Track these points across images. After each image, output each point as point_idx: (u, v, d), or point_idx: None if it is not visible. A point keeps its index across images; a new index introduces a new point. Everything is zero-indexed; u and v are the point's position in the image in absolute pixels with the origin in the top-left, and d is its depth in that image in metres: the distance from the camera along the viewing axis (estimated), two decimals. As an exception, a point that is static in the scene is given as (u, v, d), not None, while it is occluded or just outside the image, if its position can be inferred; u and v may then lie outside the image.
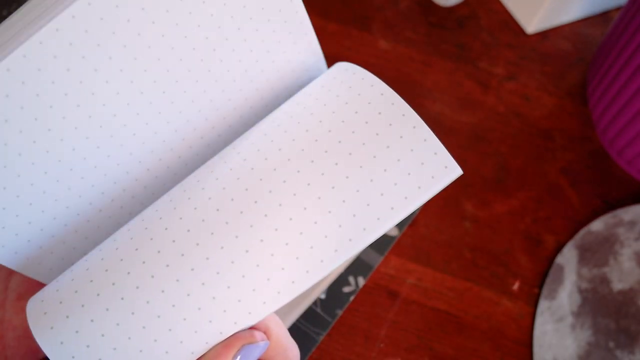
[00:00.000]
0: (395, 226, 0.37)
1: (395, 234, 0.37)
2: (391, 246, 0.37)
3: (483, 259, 0.37)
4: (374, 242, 0.36)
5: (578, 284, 0.36)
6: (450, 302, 0.35)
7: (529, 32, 0.48)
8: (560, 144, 0.42)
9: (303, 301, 0.32)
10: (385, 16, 0.48)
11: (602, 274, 0.36)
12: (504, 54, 0.47)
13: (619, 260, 0.36)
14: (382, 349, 0.34)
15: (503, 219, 0.39)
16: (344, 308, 0.34)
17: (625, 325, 0.34)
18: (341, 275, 0.35)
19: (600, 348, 0.33)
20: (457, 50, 0.47)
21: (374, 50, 0.46)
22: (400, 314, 0.35)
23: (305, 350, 0.33)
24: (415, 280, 0.36)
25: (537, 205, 0.39)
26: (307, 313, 0.34)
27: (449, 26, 0.48)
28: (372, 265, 0.36)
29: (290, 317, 0.32)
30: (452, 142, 0.42)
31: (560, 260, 0.37)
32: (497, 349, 0.34)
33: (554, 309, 0.35)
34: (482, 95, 0.44)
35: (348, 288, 0.35)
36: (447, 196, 0.39)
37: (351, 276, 0.35)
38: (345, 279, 0.35)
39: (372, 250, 0.36)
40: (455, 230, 0.38)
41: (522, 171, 0.41)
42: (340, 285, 0.35)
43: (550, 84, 0.45)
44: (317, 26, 0.47)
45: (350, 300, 0.35)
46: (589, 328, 0.34)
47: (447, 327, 0.35)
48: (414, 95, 0.44)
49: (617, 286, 0.35)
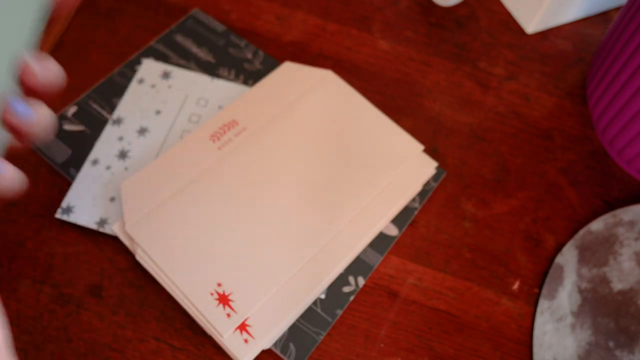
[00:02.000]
0: (395, 226, 0.37)
1: (395, 234, 0.37)
2: (391, 246, 0.37)
3: (483, 259, 0.37)
4: (374, 242, 0.36)
5: (578, 284, 0.36)
6: (450, 302, 0.35)
7: (529, 32, 0.48)
8: (560, 144, 0.42)
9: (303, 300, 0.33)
10: (385, 16, 0.48)
11: (601, 274, 0.36)
12: (503, 54, 0.47)
13: (618, 260, 0.36)
14: (382, 348, 0.34)
15: (503, 219, 0.39)
16: (344, 308, 0.34)
17: (625, 325, 0.34)
18: (341, 275, 0.35)
19: (600, 348, 0.34)
20: (457, 50, 0.47)
21: (374, 50, 0.46)
22: (400, 314, 0.35)
23: (305, 350, 0.33)
24: (415, 280, 0.36)
25: (537, 205, 0.39)
26: (307, 313, 0.34)
27: (449, 26, 0.48)
28: (372, 265, 0.36)
29: (289, 317, 0.32)
30: (452, 142, 0.42)
31: (560, 260, 0.37)
32: (497, 348, 0.34)
33: (553, 309, 0.35)
34: (482, 95, 0.44)
35: (348, 288, 0.35)
36: (447, 196, 0.39)
37: (351, 276, 0.35)
38: (346, 279, 0.35)
39: (372, 250, 0.36)
40: (455, 230, 0.38)
41: (521, 171, 0.41)
42: (341, 285, 0.35)
43: (550, 84, 0.45)
44: (317, 26, 0.47)
45: (351, 300, 0.35)
46: (588, 328, 0.34)
47: (447, 327, 0.35)
48: (414, 95, 0.44)
49: (617, 286, 0.35)
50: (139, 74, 0.42)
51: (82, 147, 0.39)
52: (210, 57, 0.44)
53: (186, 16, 0.46)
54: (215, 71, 0.43)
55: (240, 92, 0.42)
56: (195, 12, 0.46)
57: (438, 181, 0.39)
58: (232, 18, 0.46)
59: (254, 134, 0.38)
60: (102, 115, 0.40)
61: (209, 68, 0.43)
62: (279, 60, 0.44)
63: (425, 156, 0.38)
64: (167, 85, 0.42)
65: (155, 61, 0.43)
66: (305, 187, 0.36)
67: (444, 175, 0.40)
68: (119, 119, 0.40)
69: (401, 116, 0.42)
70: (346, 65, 0.45)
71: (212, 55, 0.44)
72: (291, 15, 0.47)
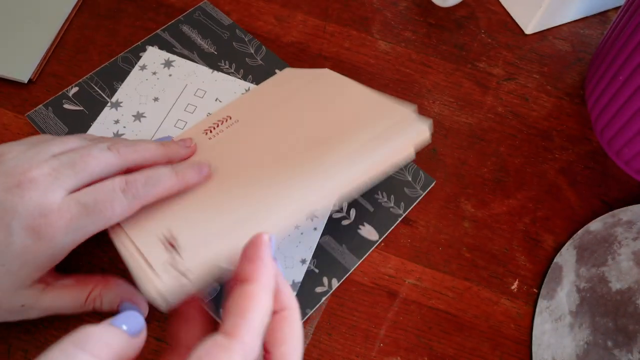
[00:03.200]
0: (376, 231, 0.37)
1: (375, 239, 0.36)
2: (370, 251, 0.36)
3: (482, 259, 0.37)
4: (352, 246, 0.36)
5: (577, 284, 0.36)
6: (450, 302, 0.36)
7: (528, 32, 0.48)
8: (559, 144, 0.42)
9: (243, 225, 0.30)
10: (384, 17, 0.48)
11: (600, 274, 0.36)
12: (502, 54, 0.47)
13: (617, 259, 0.36)
14: (382, 348, 0.34)
15: (502, 219, 0.39)
16: (315, 308, 0.34)
17: (623, 325, 0.34)
18: (315, 274, 0.35)
19: (599, 347, 0.34)
20: (456, 51, 0.47)
21: (374, 50, 0.46)
22: (400, 314, 0.35)
23: None
24: (415, 280, 0.36)
25: (536, 205, 0.39)
26: None
27: (448, 27, 0.48)
28: (349, 268, 0.35)
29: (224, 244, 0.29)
30: (451, 142, 0.42)
31: (559, 260, 0.37)
32: (496, 348, 0.34)
33: (552, 309, 0.35)
34: (481, 95, 0.44)
35: (321, 288, 0.35)
36: (447, 196, 0.39)
37: (325, 277, 0.35)
38: (320, 279, 0.35)
39: (350, 253, 0.36)
40: (455, 230, 0.38)
41: (521, 171, 0.41)
42: (314, 285, 0.35)
43: (548, 84, 0.45)
44: (316, 27, 0.47)
45: (322, 301, 0.34)
46: (587, 327, 0.34)
47: (446, 326, 0.35)
48: (414, 95, 0.44)
49: (616, 286, 0.35)
50: (142, 60, 0.43)
51: (79, 127, 0.40)
52: (214, 49, 0.44)
53: (195, 7, 0.47)
54: (216, 63, 0.43)
55: (238, 86, 0.42)
56: (204, 4, 0.47)
57: (426, 190, 0.39)
58: (232, 19, 0.47)
59: (244, 124, 0.38)
60: (102, 97, 0.41)
61: (211, 60, 0.44)
62: (281, 57, 0.44)
63: (418, 117, 0.33)
64: (168, 74, 0.43)
65: (159, 49, 0.44)
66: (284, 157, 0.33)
67: (433, 185, 0.39)
68: (118, 102, 0.41)
69: (401, 116, 0.43)
70: (346, 65, 0.45)
71: (215, 48, 0.44)
72: (291, 16, 0.48)
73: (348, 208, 0.37)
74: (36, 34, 0.44)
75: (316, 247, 0.36)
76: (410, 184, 0.39)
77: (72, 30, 0.45)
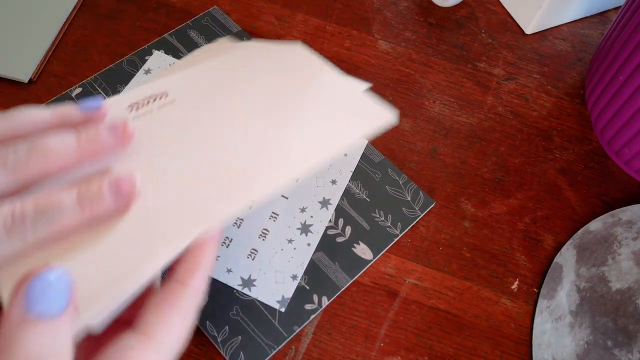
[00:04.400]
0: (370, 251, 0.36)
1: (369, 258, 0.36)
2: (363, 271, 0.36)
3: (482, 258, 0.37)
4: (345, 264, 0.35)
5: (577, 284, 0.36)
6: (450, 301, 0.36)
7: (528, 32, 0.48)
8: (559, 144, 0.42)
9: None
10: (384, 17, 0.48)
11: (600, 273, 0.36)
12: (503, 54, 0.47)
13: (617, 259, 0.36)
14: (382, 348, 0.34)
15: (502, 219, 0.39)
16: (303, 326, 0.34)
17: (623, 324, 0.34)
18: (306, 291, 0.34)
19: (599, 347, 0.34)
20: (457, 51, 0.47)
21: (374, 50, 0.46)
22: (400, 314, 0.35)
23: None
24: (415, 280, 0.36)
25: (536, 205, 0.39)
26: (263, 324, 0.33)
27: (448, 27, 0.48)
28: (341, 286, 0.35)
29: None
30: (451, 142, 0.42)
31: (559, 259, 0.37)
32: (497, 348, 0.34)
33: (552, 308, 0.35)
34: (482, 95, 0.44)
35: (310, 306, 0.34)
36: (447, 196, 0.39)
37: (315, 295, 0.34)
38: (310, 296, 0.34)
39: (343, 272, 0.35)
40: (455, 230, 0.38)
41: (521, 171, 0.41)
42: (303, 302, 0.34)
43: (549, 84, 0.46)
44: (317, 27, 0.47)
45: (311, 319, 0.34)
46: (587, 327, 0.34)
47: (446, 326, 0.35)
48: (414, 95, 0.44)
49: (616, 285, 0.35)
50: (148, 64, 0.43)
51: None
52: None
53: (204, 12, 0.47)
54: None
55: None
56: (213, 10, 0.47)
57: (425, 211, 0.38)
58: (233, 19, 0.47)
59: (180, 107, 0.29)
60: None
61: None
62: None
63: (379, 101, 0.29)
64: None
65: (165, 54, 0.44)
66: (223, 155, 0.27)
67: (432, 206, 0.38)
68: None
69: (401, 116, 0.43)
70: (346, 65, 0.45)
71: None
72: (291, 16, 0.48)
73: (344, 225, 0.37)
74: (37, 34, 0.44)
75: (308, 264, 0.35)
76: (409, 204, 0.38)
77: (72, 30, 0.45)
